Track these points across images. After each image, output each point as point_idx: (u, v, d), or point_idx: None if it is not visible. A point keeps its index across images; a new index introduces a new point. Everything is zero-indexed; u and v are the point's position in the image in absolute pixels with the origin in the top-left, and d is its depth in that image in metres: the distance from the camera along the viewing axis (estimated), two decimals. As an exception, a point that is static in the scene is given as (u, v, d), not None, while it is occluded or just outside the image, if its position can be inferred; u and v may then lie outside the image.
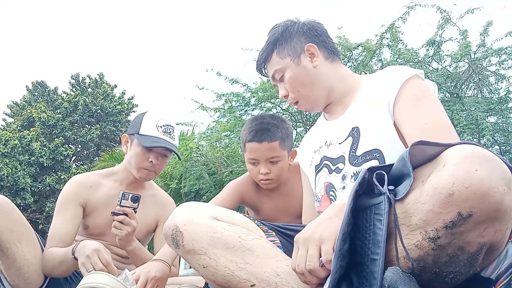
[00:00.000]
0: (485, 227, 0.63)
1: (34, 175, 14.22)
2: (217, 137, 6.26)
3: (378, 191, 0.71)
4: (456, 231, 0.63)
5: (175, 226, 0.92)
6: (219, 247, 0.86)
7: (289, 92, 1.18)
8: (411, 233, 0.67)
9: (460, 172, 0.62)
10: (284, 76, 1.17)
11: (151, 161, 1.66)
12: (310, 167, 1.21)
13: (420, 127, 0.96)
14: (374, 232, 0.70)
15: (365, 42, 5.78)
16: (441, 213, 0.63)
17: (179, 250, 0.92)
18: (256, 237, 0.89)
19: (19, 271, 1.47)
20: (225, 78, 6.29)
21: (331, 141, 1.15)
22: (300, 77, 1.16)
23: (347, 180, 1.04)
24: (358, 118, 1.08)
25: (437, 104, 1.02)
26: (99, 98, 16.45)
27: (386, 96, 1.04)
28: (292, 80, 1.16)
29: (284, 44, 1.18)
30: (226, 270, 0.85)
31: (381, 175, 0.72)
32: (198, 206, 0.97)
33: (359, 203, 0.74)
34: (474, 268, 0.67)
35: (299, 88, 1.17)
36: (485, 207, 0.61)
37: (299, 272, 0.77)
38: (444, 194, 0.63)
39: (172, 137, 1.72)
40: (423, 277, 0.68)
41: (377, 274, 0.66)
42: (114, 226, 1.49)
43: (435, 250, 0.65)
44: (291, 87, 1.17)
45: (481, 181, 0.61)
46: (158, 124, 1.70)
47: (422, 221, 0.66)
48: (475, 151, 0.65)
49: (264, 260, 0.84)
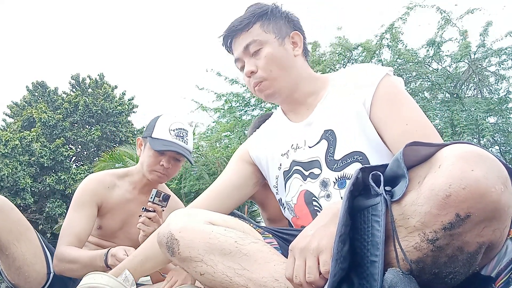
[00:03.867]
0: (483, 227, 0.63)
1: (34, 175, 14.23)
2: (217, 137, 6.26)
3: (374, 192, 0.71)
4: (455, 232, 0.63)
5: (170, 234, 0.89)
6: (216, 253, 0.85)
7: (260, 69, 1.09)
8: (410, 235, 0.67)
9: (456, 172, 0.62)
10: (261, 50, 1.09)
11: (162, 164, 1.65)
12: (279, 170, 1.16)
13: (401, 128, 0.95)
14: (373, 233, 0.69)
15: (365, 42, 5.79)
16: (439, 214, 0.63)
17: (175, 258, 0.90)
18: (253, 240, 0.88)
19: (19, 271, 1.47)
20: (225, 78, 6.30)
21: (298, 144, 1.11)
22: (279, 57, 1.09)
23: (330, 187, 1.01)
24: (331, 120, 1.05)
25: (412, 102, 1.01)
26: (100, 98, 16.46)
27: (361, 95, 1.01)
28: (269, 57, 1.08)
29: (271, 20, 1.12)
30: (224, 277, 0.83)
31: (377, 176, 0.72)
32: (192, 212, 0.95)
33: (355, 204, 0.74)
34: (473, 267, 0.67)
35: (273, 68, 1.09)
36: (482, 207, 0.61)
37: (297, 283, 0.76)
38: (441, 195, 0.62)
39: (185, 141, 1.71)
40: (422, 278, 0.68)
41: (377, 276, 0.66)
42: (143, 222, 1.48)
43: (434, 251, 0.65)
44: (265, 64, 1.09)
45: (477, 181, 0.60)
46: (171, 128, 1.69)
47: (420, 223, 0.65)
48: (470, 150, 0.64)
49: (262, 265, 0.83)
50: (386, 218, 0.68)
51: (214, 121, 6.81)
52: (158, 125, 1.70)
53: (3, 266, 1.49)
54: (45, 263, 1.56)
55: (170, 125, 1.69)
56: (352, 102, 1.02)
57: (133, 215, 1.72)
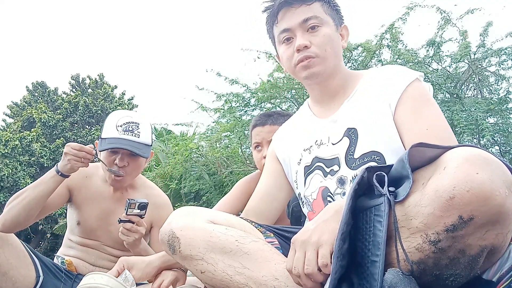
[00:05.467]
0: (486, 230, 0.63)
1: (34, 175, 14.20)
2: (217, 138, 6.26)
3: (378, 192, 0.71)
4: (457, 235, 0.63)
5: (171, 232, 0.91)
6: (216, 252, 0.86)
7: (315, 45, 1.08)
8: (412, 236, 0.67)
9: (461, 175, 0.62)
10: (320, 28, 1.08)
11: (116, 163, 1.59)
12: (299, 165, 1.17)
13: (421, 131, 0.95)
14: (374, 233, 0.69)
15: (365, 42, 5.79)
16: (442, 216, 0.63)
17: (176, 256, 0.91)
18: (253, 239, 0.88)
19: (5, 276, 1.46)
20: (225, 79, 6.30)
21: (322, 140, 1.11)
22: (335, 41, 1.10)
23: (346, 185, 1.02)
24: (355, 119, 1.05)
25: (437, 108, 1.01)
26: (99, 98, 16.45)
27: (388, 96, 1.02)
28: (327, 37, 1.08)
29: (330, 5, 1.12)
30: (224, 275, 0.84)
31: (381, 176, 0.72)
32: (194, 211, 0.96)
33: (358, 204, 0.74)
34: (475, 270, 0.67)
35: (327, 48, 1.08)
36: (486, 210, 0.61)
37: (295, 274, 0.77)
38: (445, 197, 0.62)
39: (135, 134, 1.61)
40: (423, 280, 0.68)
41: (377, 276, 0.66)
42: (122, 232, 1.47)
43: (436, 253, 0.65)
44: (321, 42, 1.08)
45: (482, 184, 0.60)
46: (117, 124, 1.61)
47: (422, 224, 0.65)
48: (476, 153, 0.64)
49: (262, 263, 0.84)
50: (388, 219, 0.68)
51: (214, 121, 6.81)
52: (106, 123, 1.64)
53: None
54: (32, 266, 1.54)
55: (117, 121, 1.62)
56: (378, 102, 1.03)
57: (109, 213, 1.70)
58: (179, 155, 6.36)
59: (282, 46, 1.13)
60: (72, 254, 1.73)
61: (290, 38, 1.10)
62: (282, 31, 1.11)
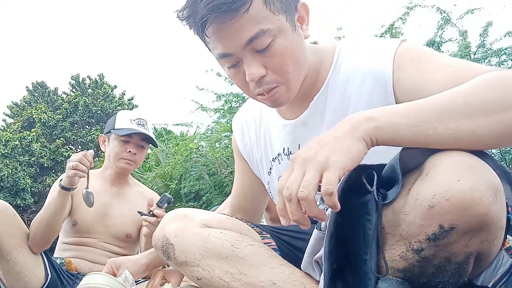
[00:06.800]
0: (470, 237, 0.59)
1: (34, 175, 14.22)
2: (217, 138, 6.26)
3: (366, 190, 0.67)
4: (440, 243, 0.60)
5: (164, 238, 0.87)
6: (212, 258, 0.82)
7: (272, 71, 0.79)
8: (396, 244, 0.64)
9: (441, 182, 0.58)
10: (273, 43, 0.77)
11: (129, 151, 1.76)
12: (270, 176, 1.07)
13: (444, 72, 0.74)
14: (365, 232, 0.68)
15: (365, 42, 5.79)
16: (423, 225, 0.59)
17: (171, 262, 0.88)
18: (249, 243, 0.85)
19: (19, 276, 1.49)
20: (225, 79, 6.30)
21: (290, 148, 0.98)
22: (296, 50, 0.80)
23: None
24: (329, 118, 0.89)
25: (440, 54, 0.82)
26: (99, 98, 16.46)
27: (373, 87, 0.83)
28: (285, 53, 0.78)
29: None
30: (221, 282, 0.81)
31: (371, 174, 0.67)
32: (187, 214, 0.91)
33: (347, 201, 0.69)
34: (463, 277, 0.64)
35: (290, 66, 0.80)
36: (467, 220, 0.57)
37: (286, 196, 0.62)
38: (425, 206, 0.59)
39: (146, 128, 1.81)
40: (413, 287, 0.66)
41: (371, 275, 0.65)
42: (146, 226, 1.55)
43: (420, 261, 0.63)
44: (280, 63, 0.79)
45: (462, 193, 0.56)
46: (131, 118, 1.81)
47: (405, 232, 0.62)
48: (460, 159, 0.59)
49: (259, 268, 0.81)
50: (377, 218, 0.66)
51: (214, 122, 6.81)
52: (119, 118, 1.83)
53: (2, 272, 1.50)
54: (43, 266, 1.59)
55: (130, 116, 1.83)
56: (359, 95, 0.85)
57: (108, 207, 1.80)
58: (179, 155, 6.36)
59: (227, 69, 0.84)
60: (69, 256, 1.76)
61: (235, 64, 0.81)
62: (221, 56, 0.80)
